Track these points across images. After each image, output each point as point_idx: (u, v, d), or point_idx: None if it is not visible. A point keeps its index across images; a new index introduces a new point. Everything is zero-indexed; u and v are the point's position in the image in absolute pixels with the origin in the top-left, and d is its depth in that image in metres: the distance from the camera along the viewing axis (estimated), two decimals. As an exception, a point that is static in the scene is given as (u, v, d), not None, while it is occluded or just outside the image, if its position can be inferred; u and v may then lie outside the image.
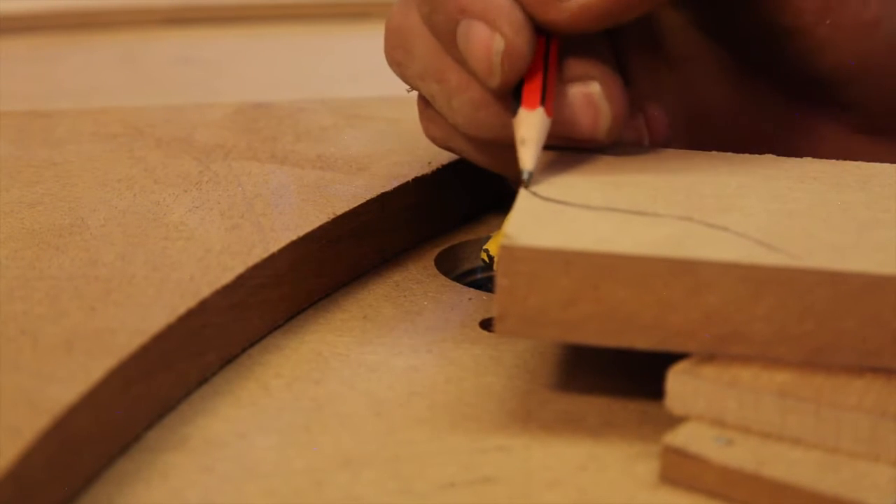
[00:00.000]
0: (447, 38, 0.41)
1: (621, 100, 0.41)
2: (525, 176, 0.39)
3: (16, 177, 0.47)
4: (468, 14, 0.40)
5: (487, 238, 0.46)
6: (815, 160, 0.42)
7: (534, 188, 0.39)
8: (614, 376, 0.38)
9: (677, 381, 0.35)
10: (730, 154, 0.42)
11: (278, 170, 0.48)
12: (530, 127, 0.39)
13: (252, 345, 0.41)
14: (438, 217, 0.49)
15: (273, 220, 0.43)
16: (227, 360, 0.40)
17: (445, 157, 0.49)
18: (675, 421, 0.35)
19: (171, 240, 0.42)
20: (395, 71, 0.44)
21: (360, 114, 0.55)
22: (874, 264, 0.34)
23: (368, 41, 0.78)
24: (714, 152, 0.42)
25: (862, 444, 0.33)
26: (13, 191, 0.46)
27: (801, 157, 0.43)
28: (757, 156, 0.42)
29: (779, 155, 0.43)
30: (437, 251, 0.48)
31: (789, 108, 0.45)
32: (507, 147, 0.40)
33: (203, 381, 0.39)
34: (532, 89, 0.40)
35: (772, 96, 0.45)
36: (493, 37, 0.39)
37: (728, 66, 0.45)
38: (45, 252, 0.41)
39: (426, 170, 0.48)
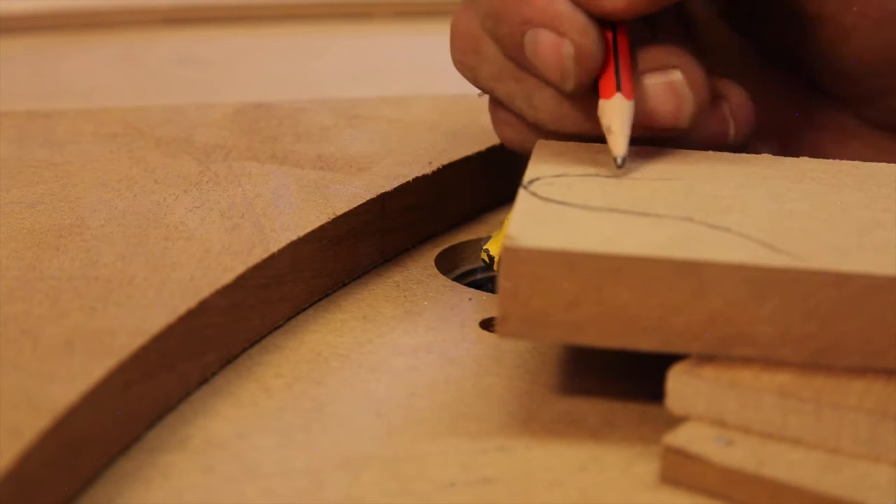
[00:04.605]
0: (515, 50, 0.41)
1: (704, 86, 0.41)
2: (619, 162, 0.40)
3: (16, 177, 0.47)
4: (533, 24, 0.40)
5: (487, 238, 0.46)
6: (813, 160, 0.43)
7: (534, 188, 0.39)
8: (615, 377, 0.38)
9: (677, 381, 0.35)
10: (727, 154, 0.42)
11: (278, 170, 0.48)
12: (613, 114, 0.40)
13: (252, 345, 0.41)
14: (438, 217, 0.49)
15: (273, 220, 0.43)
16: (227, 360, 0.40)
17: (446, 157, 0.49)
18: (675, 421, 0.35)
19: (172, 240, 0.42)
20: (466, 75, 0.44)
21: (360, 114, 0.55)
22: (878, 266, 0.34)
23: (368, 41, 0.78)
24: (711, 152, 0.42)
25: (862, 445, 0.33)
26: (13, 191, 0.46)
27: (826, 151, 0.43)
28: (754, 155, 0.42)
29: (804, 149, 0.43)
30: (437, 251, 0.48)
31: (814, 102, 0.45)
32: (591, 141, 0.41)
33: (203, 381, 0.39)
34: (607, 79, 0.40)
35: (796, 90, 0.45)
36: (562, 42, 0.40)
37: (753, 60, 0.45)
38: (45, 252, 0.41)
39: (426, 170, 0.48)
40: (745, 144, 0.43)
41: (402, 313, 0.43)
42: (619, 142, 0.40)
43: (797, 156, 0.43)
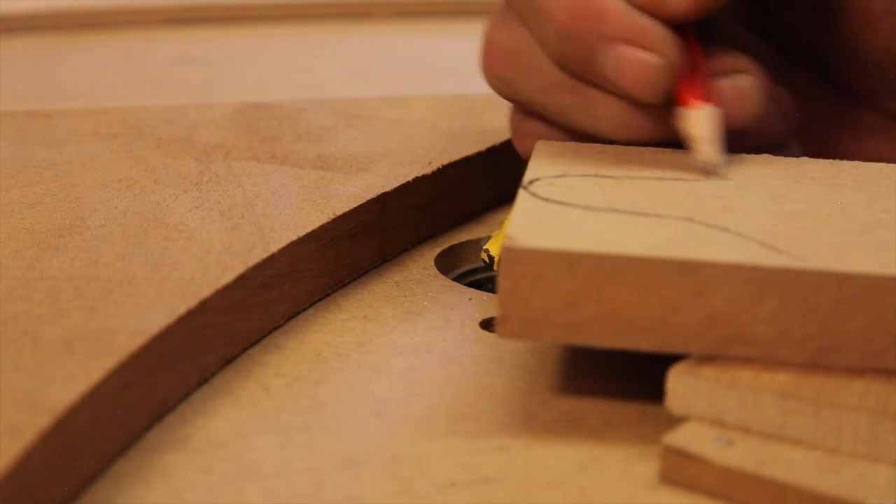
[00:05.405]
0: (585, 69, 0.41)
1: (768, 90, 0.42)
2: (718, 169, 0.40)
3: (16, 177, 0.47)
4: (611, 40, 0.40)
5: (487, 238, 0.46)
6: (813, 160, 0.43)
7: (533, 189, 0.39)
8: (614, 377, 0.38)
9: (677, 381, 0.35)
10: (726, 154, 0.42)
11: (278, 170, 0.48)
12: (703, 124, 0.40)
13: (252, 345, 0.41)
14: (438, 217, 0.49)
15: (273, 220, 0.43)
16: (227, 360, 0.40)
17: (445, 157, 0.49)
18: (675, 421, 0.35)
19: (172, 240, 0.42)
20: (500, 88, 0.43)
21: (360, 114, 0.55)
22: (878, 266, 0.34)
23: (368, 41, 0.78)
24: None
25: (862, 445, 0.33)
26: (13, 191, 0.46)
27: (845, 148, 0.43)
28: (753, 155, 0.42)
29: (822, 147, 0.43)
30: (437, 251, 0.48)
31: (832, 99, 0.45)
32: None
33: (203, 381, 0.39)
34: (691, 87, 0.40)
35: (815, 90, 0.46)
36: (648, 56, 0.40)
37: (771, 62, 0.45)
38: (45, 252, 0.41)
39: (426, 170, 0.48)
40: (784, 144, 0.44)
41: (402, 313, 0.43)
42: (713, 150, 0.40)
43: (816, 154, 0.43)
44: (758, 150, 0.43)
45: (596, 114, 0.42)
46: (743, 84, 0.41)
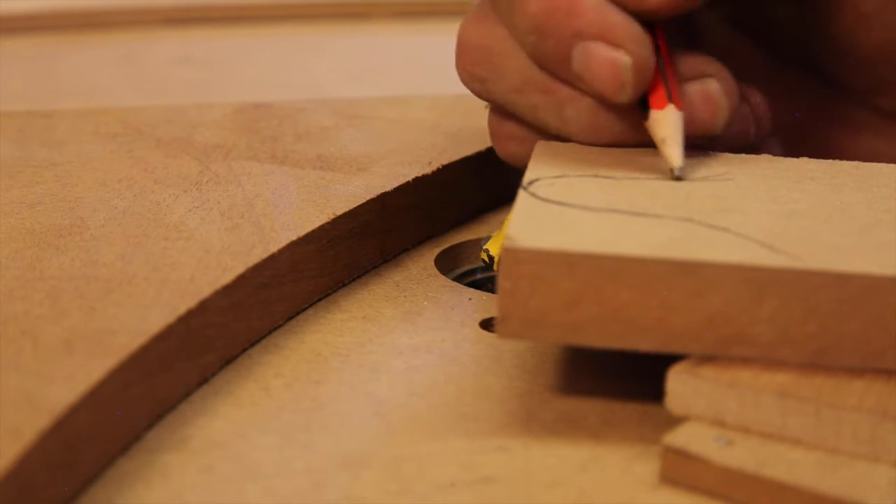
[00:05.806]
0: (557, 64, 0.41)
1: (736, 94, 0.42)
2: (677, 172, 0.40)
3: (16, 177, 0.47)
4: (584, 37, 0.40)
5: (487, 238, 0.46)
6: (813, 160, 0.43)
7: (533, 189, 0.39)
8: (614, 377, 0.38)
9: (677, 381, 0.35)
10: (726, 154, 0.42)
11: (278, 170, 0.48)
12: (667, 125, 0.40)
13: (252, 345, 0.41)
14: (438, 217, 0.49)
15: (273, 220, 0.43)
16: (227, 360, 0.40)
17: (445, 157, 0.49)
18: (675, 421, 0.35)
19: (171, 240, 0.42)
20: (473, 87, 0.43)
21: (360, 114, 0.55)
22: (878, 266, 0.34)
23: (368, 41, 0.78)
24: (710, 152, 0.43)
25: (862, 445, 0.33)
26: (13, 191, 0.46)
27: (837, 145, 0.43)
28: (753, 156, 0.42)
29: (815, 144, 0.43)
30: (437, 251, 0.48)
31: (822, 96, 0.45)
32: None
33: (203, 381, 0.39)
34: (657, 88, 0.40)
35: (805, 87, 0.45)
36: (618, 54, 0.39)
37: (760, 61, 0.45)
38: (45, 252, 0.41)
39: (426, 170, 0.48)
40: (760, 143, 0.44)
41: (402, 313, 0.43)
42: (676, 153, 0.40)
43: (808, 151, 0.43)
44: (732, 151, 0.43)
45: (565, 115, 0.41)
46: (710, 88, 0.41)
